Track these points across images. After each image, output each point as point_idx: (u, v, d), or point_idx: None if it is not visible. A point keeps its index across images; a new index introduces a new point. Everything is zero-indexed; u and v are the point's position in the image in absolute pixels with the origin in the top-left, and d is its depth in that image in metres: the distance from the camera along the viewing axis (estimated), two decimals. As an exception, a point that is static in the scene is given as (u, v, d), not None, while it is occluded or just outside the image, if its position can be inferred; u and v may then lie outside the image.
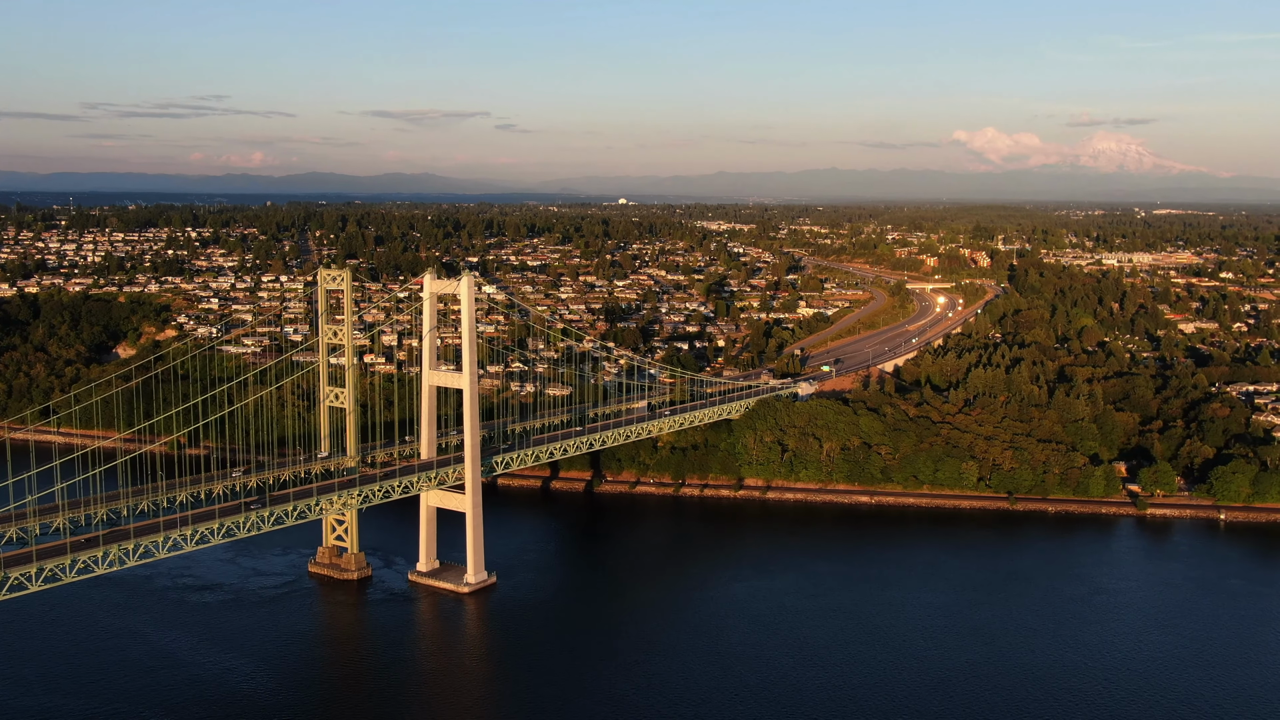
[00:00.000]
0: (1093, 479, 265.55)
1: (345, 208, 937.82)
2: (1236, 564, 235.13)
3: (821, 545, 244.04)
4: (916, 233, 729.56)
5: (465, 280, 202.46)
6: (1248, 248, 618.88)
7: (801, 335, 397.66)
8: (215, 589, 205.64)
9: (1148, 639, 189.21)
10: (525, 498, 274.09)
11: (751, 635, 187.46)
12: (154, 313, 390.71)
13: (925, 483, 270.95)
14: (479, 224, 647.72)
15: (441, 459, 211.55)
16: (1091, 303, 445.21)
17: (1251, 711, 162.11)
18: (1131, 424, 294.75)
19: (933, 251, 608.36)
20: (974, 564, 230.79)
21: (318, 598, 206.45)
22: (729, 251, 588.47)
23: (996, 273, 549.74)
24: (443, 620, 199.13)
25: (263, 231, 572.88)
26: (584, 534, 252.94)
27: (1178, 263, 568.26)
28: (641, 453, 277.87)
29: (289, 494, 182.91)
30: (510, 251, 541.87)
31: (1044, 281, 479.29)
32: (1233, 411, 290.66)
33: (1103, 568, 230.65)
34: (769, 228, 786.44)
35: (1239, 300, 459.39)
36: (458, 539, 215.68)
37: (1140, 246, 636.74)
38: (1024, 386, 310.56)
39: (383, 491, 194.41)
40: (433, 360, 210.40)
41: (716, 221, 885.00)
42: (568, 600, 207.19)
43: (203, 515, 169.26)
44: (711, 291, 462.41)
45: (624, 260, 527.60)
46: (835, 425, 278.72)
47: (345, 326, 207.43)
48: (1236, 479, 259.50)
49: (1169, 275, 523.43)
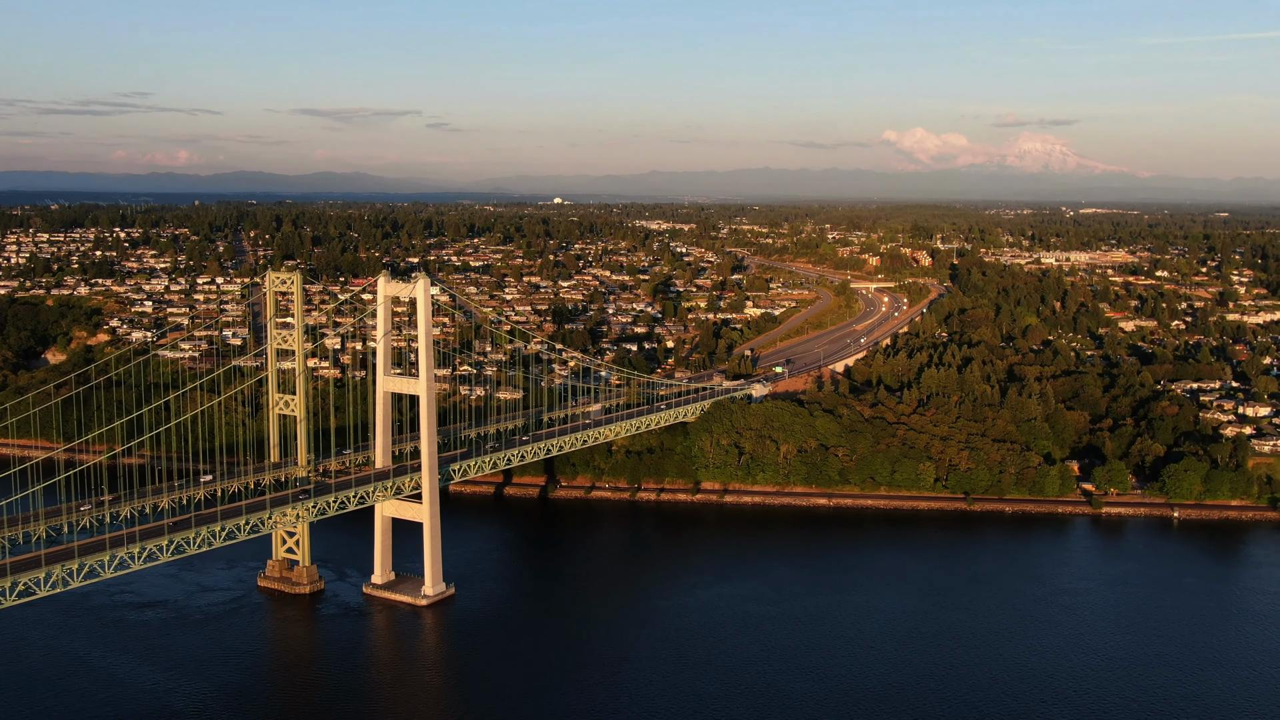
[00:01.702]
0: (1048, 478, 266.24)
1: (277, 207, 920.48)
2: (1191, 562, 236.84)
3: (782, 549, 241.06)
4: (856, 232, 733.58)
5: (421, 283, 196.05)
6: (1179, 246, 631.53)
7: (750, 336, 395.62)
8: (157, 606, 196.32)
9: (1112, 640, 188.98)
10: (478, 505, 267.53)
11: (717, 645, 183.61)
12: (85, 316, 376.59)
13: (883, 484, 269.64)
14: (417, 224, 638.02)
15: (397, 467, 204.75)
16: (1034, 301, 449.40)
17: (1216, 712, 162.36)
18: (1082, 423, 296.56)
19: (874, 251, 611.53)
20: (935, 566, 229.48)
21: (267, 613, 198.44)
22: (672, 251, 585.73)
23: (938, 272, 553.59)
24: (400, 635, 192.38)
25: (195, 232, 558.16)
26: (540, 542, 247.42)
27: (1113, 261, 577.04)
28: (596, 457, 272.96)
29: (241, 506, 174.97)
30: (452, 252, 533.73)
31: (987, 281, 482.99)
32: (1181, 410, 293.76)
33: (1062, 568, 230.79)
34: (709, 227, 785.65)
35: (1175, 298, 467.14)
36: (413, 549, 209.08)
37: (1076, 245, 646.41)
38: (976, 386, 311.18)
39: (338, 503, 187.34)
40: (387, 365, 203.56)
41: (655, 221, 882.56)
42: (528, 612, 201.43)
43: (150, 531, 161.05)
44: (658, 292, 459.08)
45: (568, 260, 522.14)
46: (791, 427, 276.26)
47: (296, 331, 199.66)
48: (1188, 477, 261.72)
49: (1107, 274, 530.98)
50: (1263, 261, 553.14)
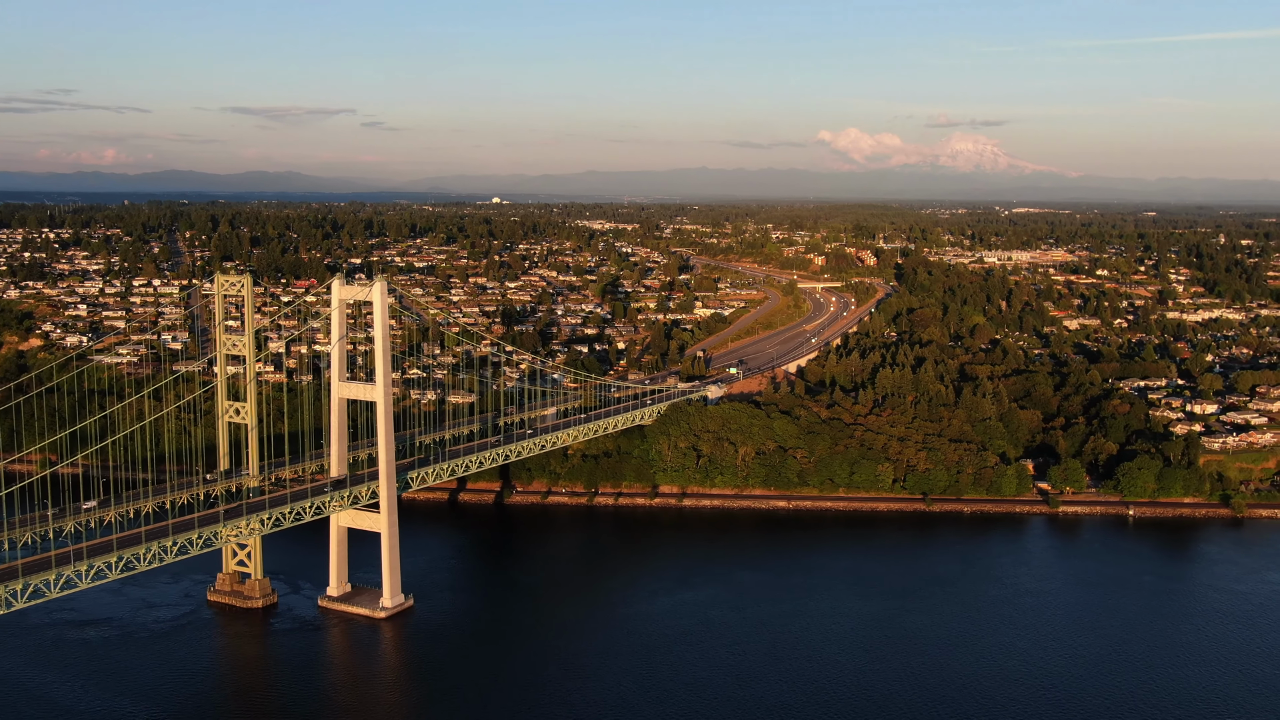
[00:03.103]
0: (1005, 478, 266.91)
1: (210, 207, 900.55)
2: (1148, 560, 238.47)
3: (742, 553, 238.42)
4: (799, 232, 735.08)
5: (378, 286, 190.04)
6: (1115, 245, 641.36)
7: (701, 336, 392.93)
8: (99, 624, 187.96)
9: (1078, 641, 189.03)
10: (432, 511, 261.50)
11: (684, 653, 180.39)
12: (15, 320, 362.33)
13: (841, 485, 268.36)
14: (358, 224, 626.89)
15: (354, 476, 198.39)
16: (980, 301, 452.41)
17: (1187, 711, 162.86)
18: (1035, 422, 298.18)
19: (819, 251, 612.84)
20: (896, 569, 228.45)
21: (218, 629, 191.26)
22: (618, 252, 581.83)
23: (883, 271, 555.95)
24: (358, 649, 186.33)
25: (127, 232, 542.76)
26: (498, 549, 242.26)
27: (1054, 260, 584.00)
28: (552, 461, 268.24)
29: (193, 519, 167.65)
30: (395, 252, 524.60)
31: (933, 280, 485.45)
32: (1132, 408, 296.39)
33: (1022, 568, 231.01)
34: (652, 227, 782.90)
35: (1117, 297, 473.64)
36: (368, 559, 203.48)
37: (1016, 245, 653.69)
38: (931, 386, 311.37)
39: (294, 513, 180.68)
40: (343, 371, 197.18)
41: (597, 221, 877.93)
42: (489, 623, 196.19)
43: (98, 547, 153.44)
44: (606, 292, 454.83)
45: (513, 261, 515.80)
46: (749, 429, 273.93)
47: (246, 336, 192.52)
48: (1142, 475, 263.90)
49: (1049, 273, 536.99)
50: (1198, 260, 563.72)
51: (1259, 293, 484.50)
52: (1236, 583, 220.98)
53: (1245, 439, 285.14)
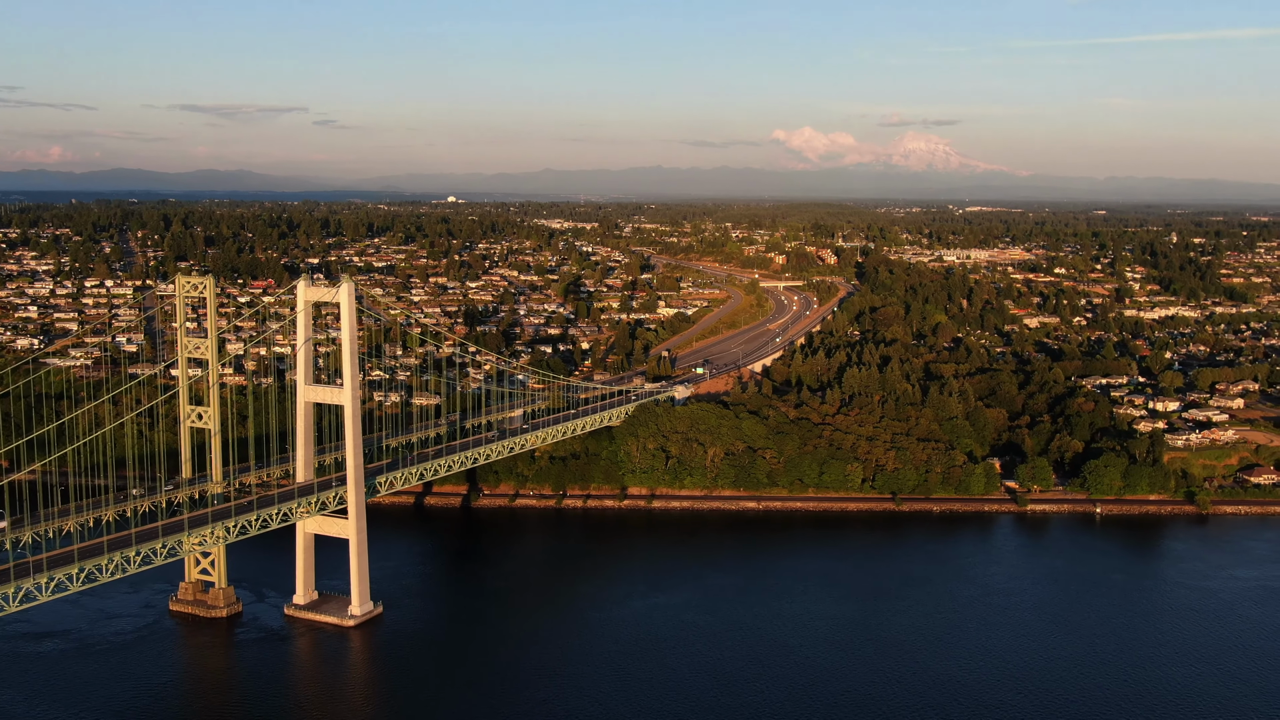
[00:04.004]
0: (974, 477, 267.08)
1: (161, 206, 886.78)
2: (1117, 558, 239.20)
3: (713, 555, 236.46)
4: (759, 231, 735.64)
5: (345, 287, 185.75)
6: (1071, 244, 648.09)
7: (666, 336, 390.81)
8: (56, 636, 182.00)
9: (1051, 641, 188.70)
10: (398, 516, 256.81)
11: (659, 659, 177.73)
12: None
13: (811, 486, 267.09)
14: (314, 223, 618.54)
15: (321, 481, 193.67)
16: (942, 299, 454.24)
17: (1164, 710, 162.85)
18: (1001, 420, 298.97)
19: (779, 249, 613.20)
20: (868, 570, 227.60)
21: (180, 640, 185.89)
22: (579, 251, 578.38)
23: (844, 270, 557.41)
24: (326, 659, 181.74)
25: (77, 232, 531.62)
26: (466, 554, 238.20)
27: (1012, 259, 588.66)
28: (519, 464, 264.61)
29: (157, 528, 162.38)
30: (353, 252, 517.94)
31: (894, 279, 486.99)
32: (1096, 406, 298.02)
33: (994, 567, 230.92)
34: (611, 226, 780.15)
35: (1075, 295, 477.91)
36: (334, 566, 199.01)
37: (974, 243, 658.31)
38: (898, 385, 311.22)
39: (260, 521, 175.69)
40: (309, 374, 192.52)
41: (556, 220, 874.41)
42: (461, 630, 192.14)
43: (59, 559, 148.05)
44: (569, 292, 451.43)
45: (473, 260, 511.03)
46: (718, 430, 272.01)
47: (210, 339, 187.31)
48: (1109, 472, 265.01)
49: (1008, 271, 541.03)
50: (1152, 258, 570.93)
51: (1213, 290, 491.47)
52: (1205, 579, 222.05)
53: (1208, 436, 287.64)
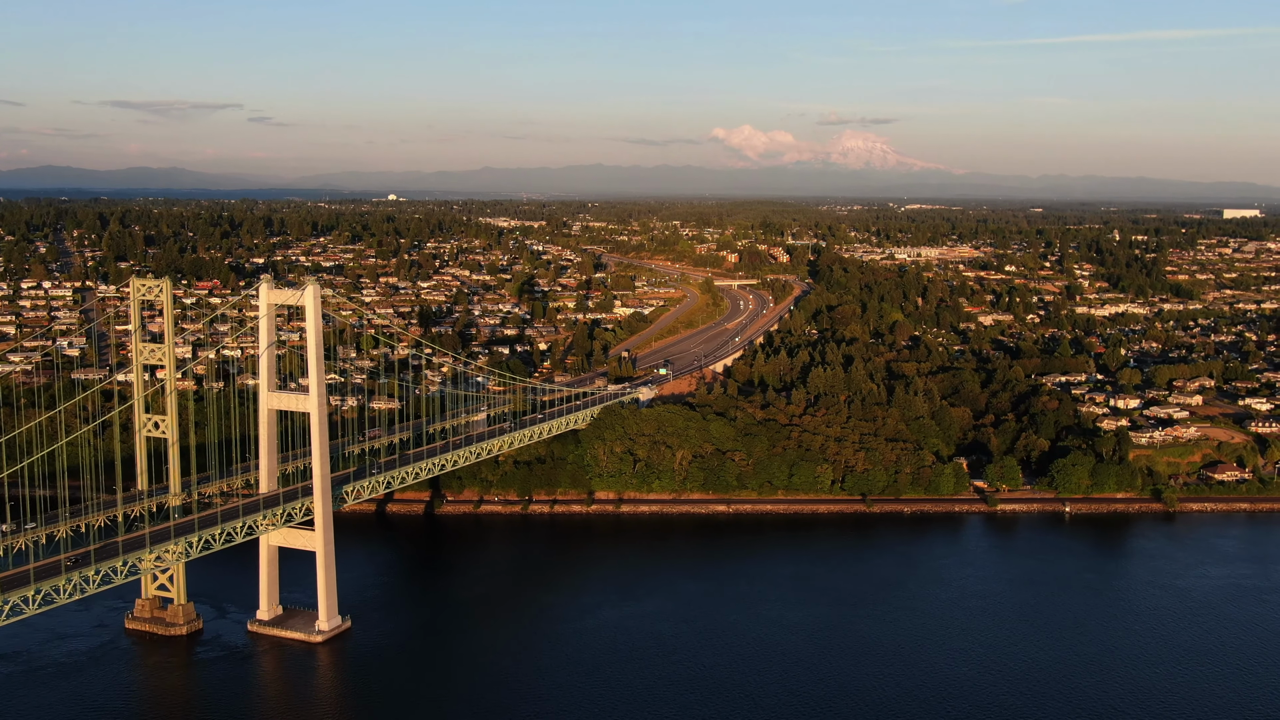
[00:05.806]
0: (943, 477, 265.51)
1: (93, 204, 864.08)
2: (1089, 558, 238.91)
3: (684, 561, 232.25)
4: (708, 229, 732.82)
5: (310, 290, 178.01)
6: (1017, 241, 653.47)
7: (624, 336, 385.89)
8: (3, 659, 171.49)
9: (1032, 643, 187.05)
10: (359, 525, 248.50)
11: (634, 670, 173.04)
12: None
13: (780, 488, 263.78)
14: (256, 222, 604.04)
15: (286, 491, 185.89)
16: (897, 297, 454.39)
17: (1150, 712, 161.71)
18: (966, 419, 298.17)
19: (731, 248, 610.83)
20: (841, 573, 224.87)
21: (137, 660, 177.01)
22: (530, 250, 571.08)
23: (797, 268, 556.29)
24: (292, 677, 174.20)
25: (9, 231, 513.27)
26: (432, 563, 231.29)
27: (962, 256, 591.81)
28: (484, 469, 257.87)
29: (116, 544, 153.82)
30: (299, 251, 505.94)
31: (848, 277, 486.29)
32: (1061, 404, 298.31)
33: (967, 569, 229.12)
34: (559, 224, 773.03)
35: (1027, 293, 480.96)
36: (297, 578, 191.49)
37: (922, 241, 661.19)
38: (864, 385, 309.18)
39: (224, 535, 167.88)
40: (273, 380, 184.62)
41: (500, 218, 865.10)
42: (432, 643, 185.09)
43: (12, 580, 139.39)
44: (523, 292, 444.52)
45: (423, 260, 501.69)
46: (686, 432, 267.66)
47: (166, 344, 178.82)
48: (1076, 471, 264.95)
49: (959, 269, 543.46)
50: (1099, 256, 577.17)
51: (1159, 287, 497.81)
52: (1177, 579, 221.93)
53: (1170, 433, 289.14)
